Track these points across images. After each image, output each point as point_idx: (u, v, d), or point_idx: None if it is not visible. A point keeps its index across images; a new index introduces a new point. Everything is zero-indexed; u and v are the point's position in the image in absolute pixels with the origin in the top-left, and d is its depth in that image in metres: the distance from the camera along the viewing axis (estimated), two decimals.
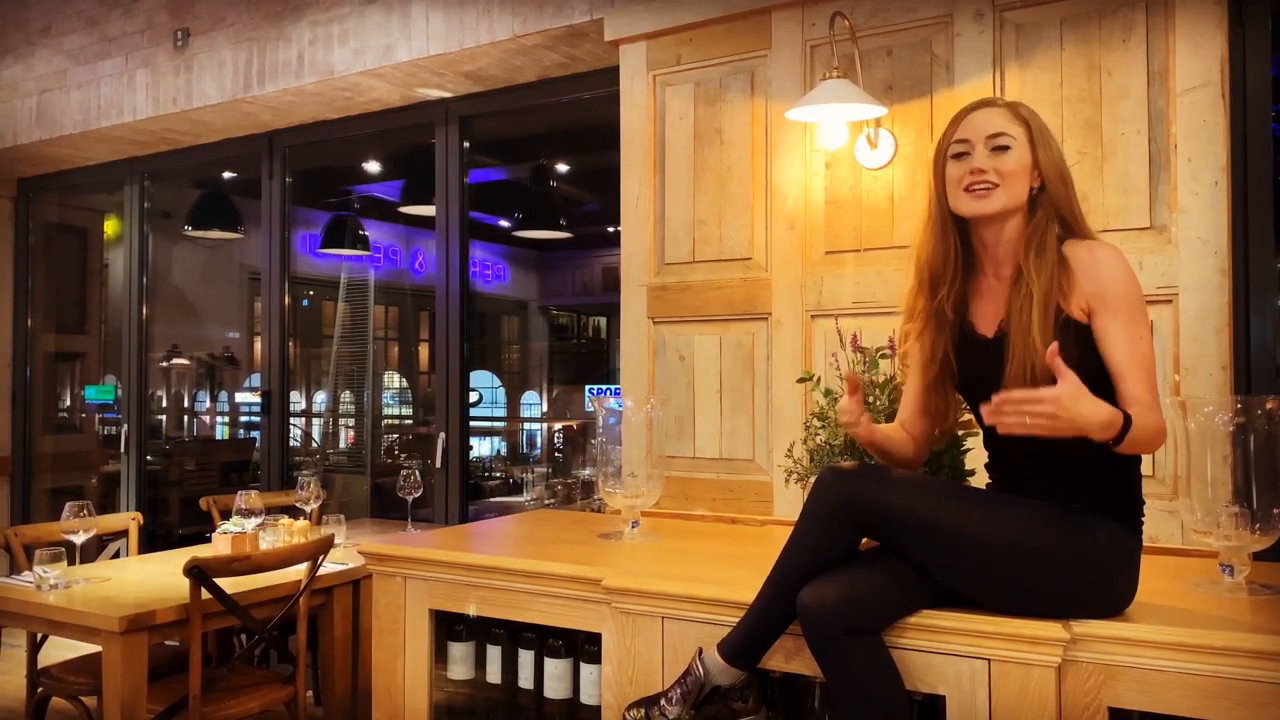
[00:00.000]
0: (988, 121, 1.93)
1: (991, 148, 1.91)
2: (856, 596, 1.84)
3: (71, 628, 2.84)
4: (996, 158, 1.91)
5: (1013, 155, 1.91)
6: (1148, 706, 1.78)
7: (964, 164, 1.93)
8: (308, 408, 8.60)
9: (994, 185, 1.90)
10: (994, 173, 1.91)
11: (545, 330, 12.69)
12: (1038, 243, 1.89)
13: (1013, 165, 1.91)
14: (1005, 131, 1.92)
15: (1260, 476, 2.00)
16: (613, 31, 3.44)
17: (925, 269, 2.03)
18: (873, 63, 2.99)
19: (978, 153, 1.92)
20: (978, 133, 1.93)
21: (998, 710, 1.85)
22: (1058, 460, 1.90)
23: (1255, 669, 1.68)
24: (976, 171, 1.91)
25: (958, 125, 1.97)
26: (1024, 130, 1.93)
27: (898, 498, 1.87)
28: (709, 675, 1.97)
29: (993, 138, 1.92)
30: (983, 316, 2.00)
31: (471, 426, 4.68)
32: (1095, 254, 1.87)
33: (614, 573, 2.28)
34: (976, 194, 1.91)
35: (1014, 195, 1.91)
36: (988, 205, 1.92)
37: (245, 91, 4.43)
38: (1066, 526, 1.85)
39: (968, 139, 1.94)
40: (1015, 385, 1.85)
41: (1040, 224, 1.91)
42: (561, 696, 2.49)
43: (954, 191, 1.95)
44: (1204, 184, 2.54)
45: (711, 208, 3.27)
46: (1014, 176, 1.91)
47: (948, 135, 1.99)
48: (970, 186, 1.92)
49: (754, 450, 3.17)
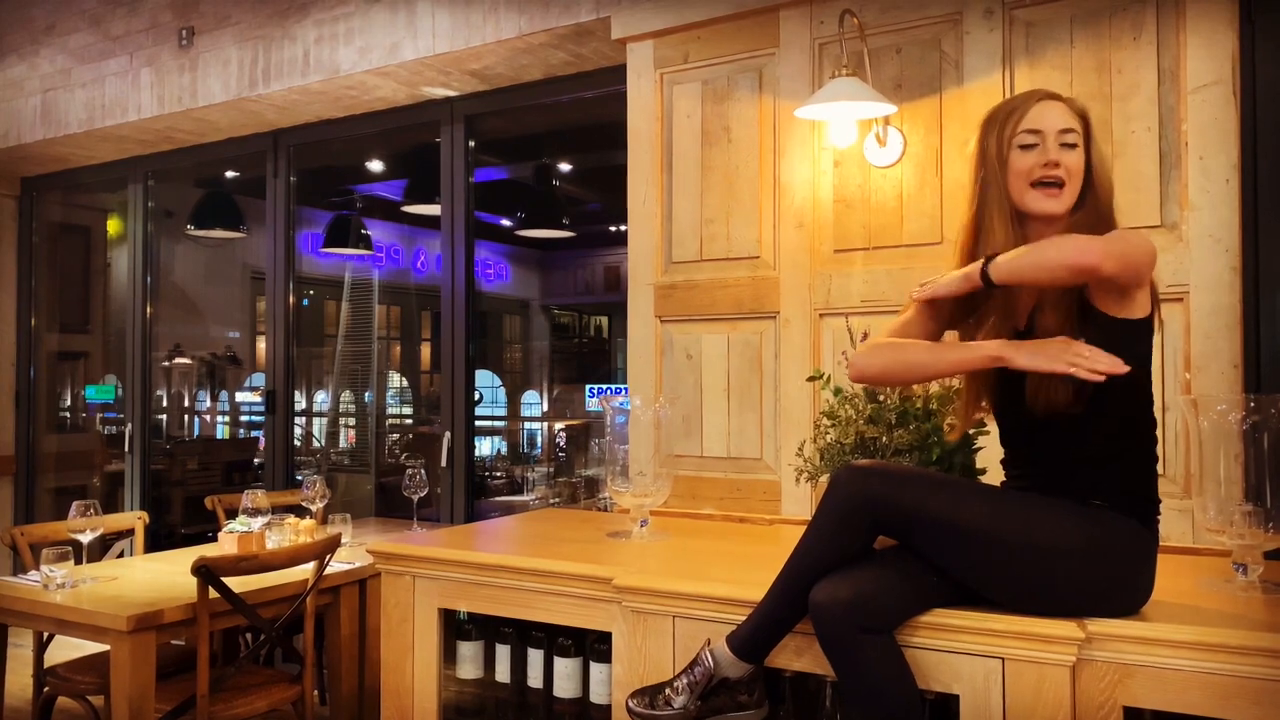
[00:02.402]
0: (1058, 116, 1.91)
1: (1062, 144, 1.90)
2: (869, 595, 1.83)
3: (79, 627, 2.83)
4: (1066, 154, 1.89)
5: (1078, 153, 1.91)
6: (1163, 705, 1.77)
7: (1034, 155, 1.90)
8: (309, 407, 8.59)
9: (1063, 183, 1.89)
10: (1065, 169, 1.89)
11: (546, 330, 12.68)
12: None
13: (1077, 163, 1.90)
14: (1073, 128, 1.91)
15: (1273, 475, 2.00)
16: (620, 30, 3.44)
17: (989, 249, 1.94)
18: (881, 61, 2.98)
19: (1051, 146, 1.89)
20: (1050, 124, 1.90)
21: (1012, 709, 1.84)
22: (1074, 458, 1.90)
23: (1271, 668, 1.68)
24: (1051, 164, 1.88)
25: (1023, 114, 1.92)
26: (1082, 126, 1.92)
27: (915, 496, 1.86)
28: (718, 667, 1.97)
29: (1064, 133, 1.90)
30: (1020, 306, 1.98)
31: (474, 426, 4.67)
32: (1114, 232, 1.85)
33: (624, 571, 2.28)
34: (1047, 191, 1.89)
35: (1075, 194, 1.91)
36: (1058, 205, 1.90)
37: (250, 90, 4.42)
38: (1083, 524, 1.85)
39: (1040, 130, 1.90)
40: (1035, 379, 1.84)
41: (1086, 216, 1.89)
42: (571, 696, 2.48)
43: (1020, 184, 1.91)
44: (1215, 182, 2.54)
45: (719, 206, 3.26)
46: (1077, 175, 1.90)
47: (1011, 123, 1.92)
48: (1042, 180, 1.89)
49: (762, 449, 3.16)
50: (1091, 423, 1.86)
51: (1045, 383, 1.84)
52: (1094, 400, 1.83)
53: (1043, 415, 1.88)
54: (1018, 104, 1.95)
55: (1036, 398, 1.86)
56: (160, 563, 3.43)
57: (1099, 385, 1.80)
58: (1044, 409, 1.87)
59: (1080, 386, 1.81)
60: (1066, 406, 1.84)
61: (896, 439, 2.30)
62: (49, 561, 2.97)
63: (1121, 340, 1.82)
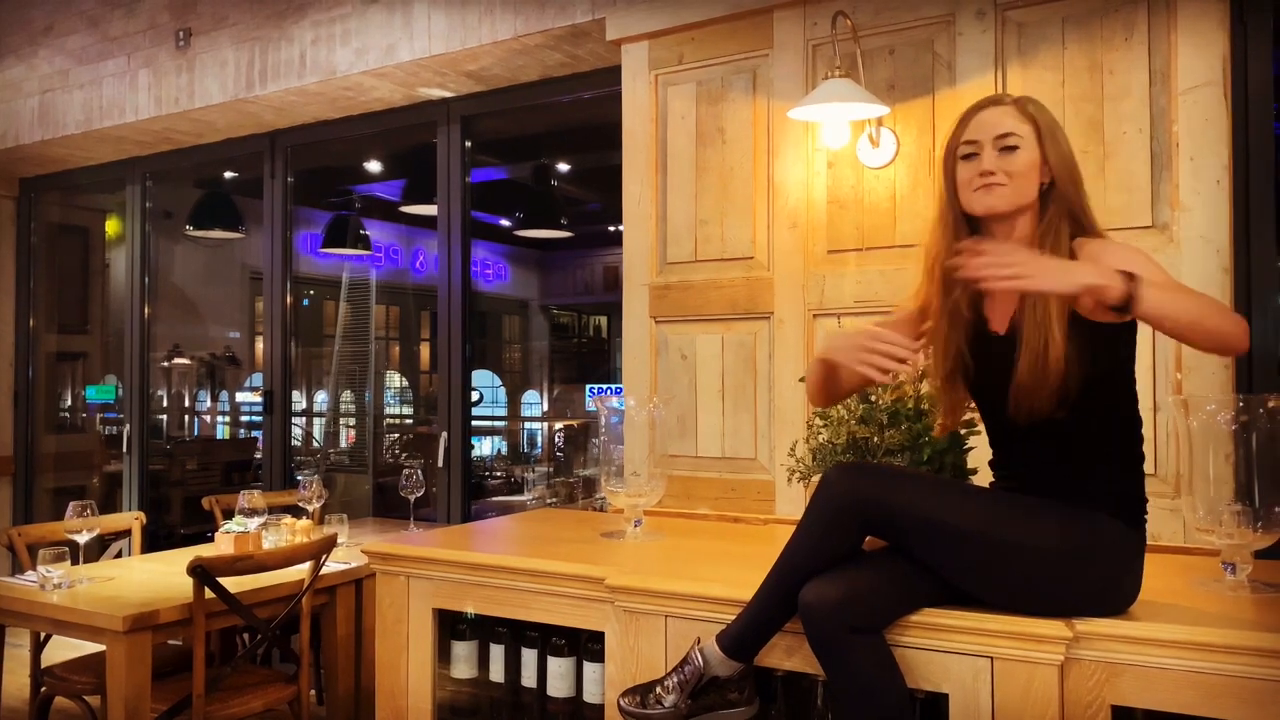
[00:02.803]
0: (996, 121, 1.93)
1: (1000, 148, 1.91)
2: (858, 595, 1.84)
3: (76, 627, 2.85)
4: (1005, 158, 1.90)
5: (1021, 155, 1.90)
6: (1151, 704, 1.78)
7: (973, 165, 1.93)
8: (309, 407, 8.61)
9: (1001, 184, 1.90)
10: (1002, 174, 1.90)
11: (546, 330, 12.70)
12: (1052, 239, 1.89)
13: (1021, 165, 1.90)
14: (1013, 131, 1.91)
15: (1262, 474, 2.01)
16: (615, 31, 3.45)
17: (938, 267, 2.02)
18: (875, 62, 2.99)
19: (986, 154, 1.91)
20: (986, 133, 1.92)
21: (1001, 708, 1.85)
22: (1063, 457, 1.91)
23: (1259, 667, 1.69)
24: (985, 174, 1.90)
25: (966, 125, 1.97)
26: (1032, 128, 1.92)
27: (904, 496, 1.87)
28: (708, 665, 1.98)
29: (1001, 138, 1.91)
30: (995, 314, 2.00)
31: (473, 426, 4.68)
32: (1107, 247, 1.87)
33: (617, 571, 2.29)
34: (984, 191, 1.91)
35: (1023, 193, 1.91)
36: (997, 202, 1.91)
37: (247, 91, 4.43)
38: (1071, 524, 1.86)
39: (976, 139, 1.93)
40: (1026, 379, 1.85)
41: (1053, 221, 1.90)
42: (564, 695, 2.49)
43: (964, 192, 1.95)
44: (1206, 183, 2.55)
45: (713, 207, 3.27)
46: (1022, 176, 1.90)
47: (956, 135, 1.98)
48: (979, 188, 1.92)
49: (756, 449, 3.17)
50: (1076, 426, 1.87)
51: (1027, 392, 1.85)
52: (1077, 405, 1.84)
53: (1025, 424, 1.89)
54: (965, 114, 1.98)
55: (1019, 406, 1.88)
56: (157, 563, 3.45)
57: (1083, 390, 1.82)
58: (1026, 418, 1.88)
59: (1064, 393, 1.83)
60: (1050, 413, 1.85)
61: (888, 439, 2.31)
62: (46, 562, 2.99)
63: (1105, 343, 1.84)
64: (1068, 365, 1.81)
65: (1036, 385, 1.83)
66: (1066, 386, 1.83)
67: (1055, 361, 1.81)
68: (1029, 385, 1.84)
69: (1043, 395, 1.84)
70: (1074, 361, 1.82)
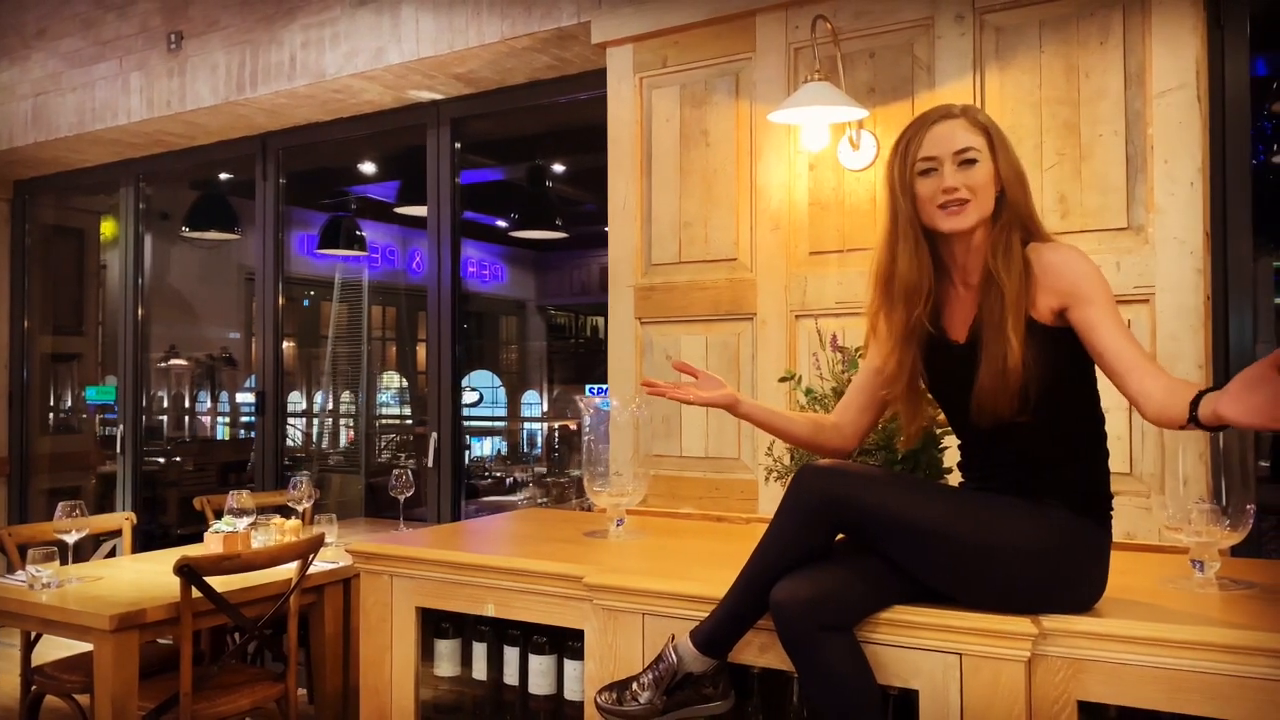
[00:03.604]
0: (951, 135, 1.93)
1: (959, 163, 1.91)
2: (829, 593, 1.87)
3: (64, 626, 2.87)
4: (965, 172, 1.91)
5: (980, 168, 1.91)
6: (1116, 700, 1.81)
7: (933, 181, 1.92)
8: (309, 408, 8.63)
9: (967, 201, 1.91)
10: (965, 189, 1.91)
11: (543, 330, 12.72)
12: (1004, 246, 1.91)
13: (981, 178, 1.91)
14: (971, 145, 1.91)
15: (1229, 473, 2.03)
16: (600, 34, 3.47)
17: (898, 285, 2.01)
18: (855, 65, 3.01)
19: (947, 170, 1.91)
20: (944, 148, 1.92)
21: (969, 704, 1.88)
22: (1028, 458, 1.94)
23: (1221, 662, 1.71)
24: (949, 190, 1.91)
25: (920, 141, 1.95)
26: (985, 139, 1.93)
27: (874, 495, 1.90)
28: (681, 662, 2.01)
29: (960, 153, 1.91)
30: (953, 323, 2.02)
31: (472, 426, 4.71)
32: (1059, 253, 1.89)
33: (596, 570, 2.31)
34: (951, 211, 1.92)
35: (983, 208, 1.92)
36: (964, 221, 1.92)
37: (238, 94, 4.46)
38: (1038, 522, 1.89)
39: (935, 155, 1.93)
40: (986, 385, 1.88)
41: (1005, 228, 1.92)
42: (545, 692, 2.52)
43: (928, 209, 1.94)
44: (1180, 185, 2.57)
45: (698, 209, 3.30)
46: (983, 189, 1.92)
47: (910, 151, 1.96)
48: (945, 204, 1.93)
49: (740, 449, 3.19)
50: (1039, 428, 1.90)
51: (989, 398, 1.88)
52: (1038, 408, 1.87)
53: (989, 428, 1.93)
54: (914, 130, 1.97)
55: (982, 411, 1.91)
56: (146, 563, 3.47)
57: (1043, 393, 1.86)
58: (990, 422, 1.92)
59: (1025, 398, 1.86)
60: (1012, 417, 1.88)
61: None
62: (35, 562, 3.01)
63: (1063, 346, 1.87)
64: (1026, 370, 1.85)
65: (997, 391, 1.87)
66: (1027, 390, 1.86)
67: (1014, 366, 1.84)
68: (990, 391, 1.88)
69: (1004, 400, 1.87)
70: (1032, 365, 1.85)
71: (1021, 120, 2.77)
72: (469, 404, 10.01)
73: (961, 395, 1.94)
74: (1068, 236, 2.67)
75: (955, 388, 1.95)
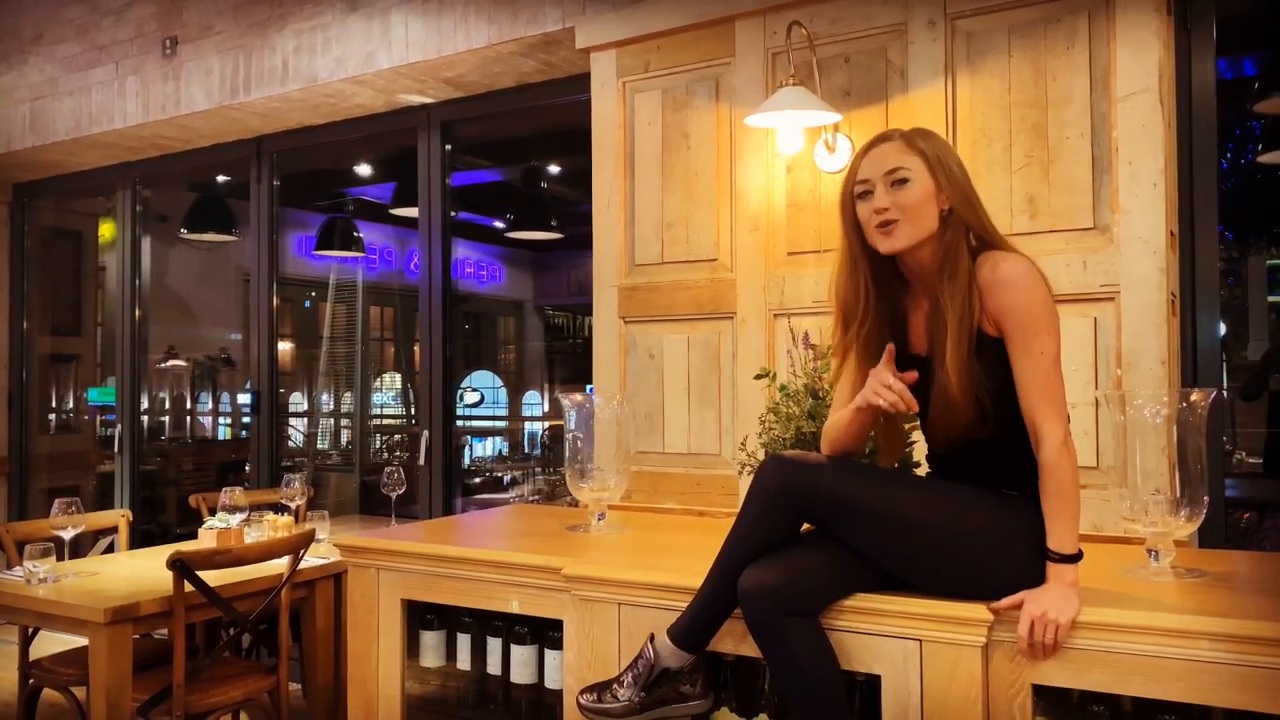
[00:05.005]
0: (883, 158, 2.00)
1: (890, 183, 1.97)
2: (793, 579, 1.94)
3: (59, 620, 2.94)
4: (896, 192, 1.97)
5: (913, 188, 1.96)
6: (1069, 684, 1.88)
7: (868, 204, 2.00)
8: (311, 409, 8.70)
9: (896, 221, 1.96)
10: (895, 208, 1.96)
11: (541, 330, 12.79)
12: (950, 268, 1.96)
13: (914, 197, 1.96)
14: (901, 165, 1.97)
15: (1185, 465, 2.10)
16: (584, 39, 3.54)
17: (839, 306, 2.11)
18: (831, 70, 3.08)
19: (878, 191, 1.98)
20: (876, 170, 1.99)
21: (929, 689, 1.95)
22: (991, 461, 2.01)
23: (1168, 645, 1.78)
24: (880, 210, 1.97)
25: (858, 166, 2.04)
26: (920, 160, 1.98)
27: (835, 483, 1.96)
28: (659, 658, 2.08)
29: (890, 173, 1.97)
30: (917, 334, 2.09)
31: (474, 427, 4.78)
32: (998, 270, 1.93)
33: (573, 562, 2.38)
34: (883, 231, 1.98)
35: (921, 226, 1.97)
36: (895, 243, 1.98)
37: (232, 98, 4.53)
38: (994, 509, 1.96)
39: (868, 178, 2.00)
40: (936, 408, 1.97)
41: (950, 246, 1.97)
42: (527, 682, 2.59)
43: (868, 230, 2.01)
44: (1143, 185, 2.64)
45: (679, 210, 3.36)
46: (916, 209, 1.96)
47: (850, 176, 2.05)
48: (879, 226, 1.98)
49: (721, 445, 3.26)
50: (1000, 435, 1.97)
51: (940, 425, 1.97)
52: (998, 419, 1.95)
53: (943, 450, 2.04)
54: (857, 157, 2.06)
55: (935, 437, 2.01)
56: (142, 559, 3.54)
57: (1000, 404, 1.93)
58: (943, 444, 2.01)
59: (981, 413, 1.93)
60: (970, 434, 1.97)
61: None
62: (32, 557, 3.08)
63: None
64: (979, 384, 1.91)
65: (948, 420, 1.96)
66: (982, 405, 1.93)
67: (956, 398, 1.91)
68: (940, 420, 1.97)
69: (956, 427, 1.96)
70: (985, 379, 1.92)
71: (991, 123, 2.84)
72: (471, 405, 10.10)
73: (924, 409, 2.02)
74: (1037, 237, 2.75)
75: (920, 401, 2.01)
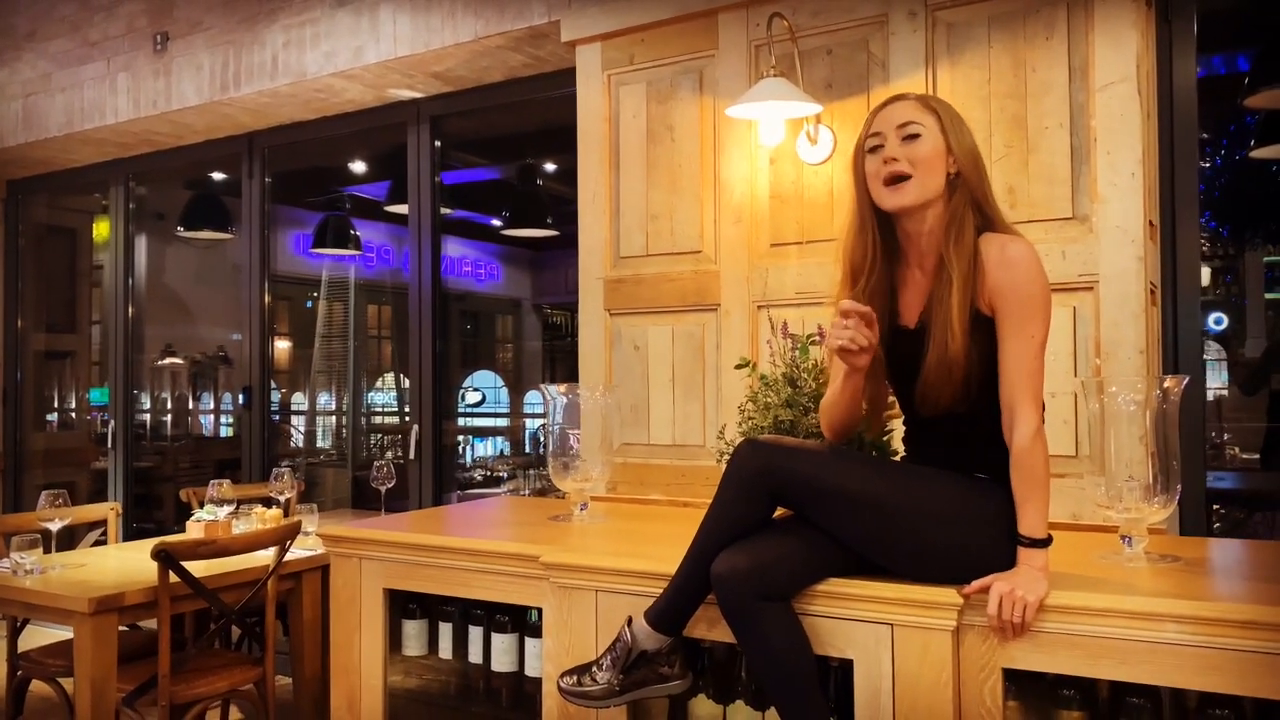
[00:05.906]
0: (897, 113, 2.03)
1: (902, 137, 1.99)
2: (766, 564, 1.94)
3: (45, 610, 2.96)
4: (908, 146, 1.99)
5: (924, 142, 1.99)
6: (1039, 667, 1.89)
7: (878, 156, 2.02)
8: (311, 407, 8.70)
9: (908, 175, 1.98)
10: (906, 161, 1.98)
11: (539, 329, 12.79)
12: (956, 230, 1.98)
13: (925, 152, 1.98)
14: (914, 120, 2.00)
15: (1158, 452, 2.11)
16: (569, 33, 3.55)
17: (847, 262, 2.13)
18: (813, 61, 3.09)
19: (890, 143, 2.00)
20: (889, 124, 2.02)
21: (901, 672, 1.96)
22: (966, 442, 2.02)
23: (1135, 628, 1.79)
24: (890, 160, 1.99)
25: (871, 123, 2.07)
26: (934, 118, 2.00)
27: (809, 466, 1.97)
28: (636, 641, 2.08)
29: (903, 127, 2.00)
30: (907, 307, 2.10)
31: (475, 426, 4.78)
32: (1005, 251, 1.94)
33: (551, 550, 2.40)
34: (893, 187, 2.00)
35: (929, 184, 1.99)
36: (904, 198, 2.00)
37: (223, 94, 4.55)
38: (967, 493, 1.97)
39: (880, 132, 2.03)
40: (932, 374, 1.97)
41: (958, 210, 1.98)
42: (508, 669, 2.61)
43: (874, 186, 2.03)
44: (1121, 175, 2.65)
45: (664, 203, 3.37)
46: (927, 163, 1.98)
47: (861, 135, 2.09)
48: (887, 179, 2.00)
49: (705, 436, 3.27)
50: (979, 417, 1.99)
51: (932, 387, 1.97)
52: (978, 399, 1.96)
53: (929, 416, 2.03)
54: (870, 116, 2.08)
55: (925, 400, 2.01)
56: (130, 551, 3.56)
57: (981, 384, 1.95)
58: (930, 412, 2.02)
59: (966, 388, 1.95)
60: (953, 407, 1.98)
61: (809, 423, 2.41)
62: (19, 549, 3.10)
63: None
64: (969, 361, 1.93)
65: (941, 381, 1.96)
66: (969, 381, 1.95)
67: (955, 356, 1.92)
68: (934, 381, 1.97)
69: (946, 390, 1.96)
70: (975, 357, 1.93)
71: (972, 114, 2.83)
72: (473, 404, 10.10)
73: (909, 381, 2.03)
74: (1017, 227, 2.74)
75: (905, 373, 2.03)
